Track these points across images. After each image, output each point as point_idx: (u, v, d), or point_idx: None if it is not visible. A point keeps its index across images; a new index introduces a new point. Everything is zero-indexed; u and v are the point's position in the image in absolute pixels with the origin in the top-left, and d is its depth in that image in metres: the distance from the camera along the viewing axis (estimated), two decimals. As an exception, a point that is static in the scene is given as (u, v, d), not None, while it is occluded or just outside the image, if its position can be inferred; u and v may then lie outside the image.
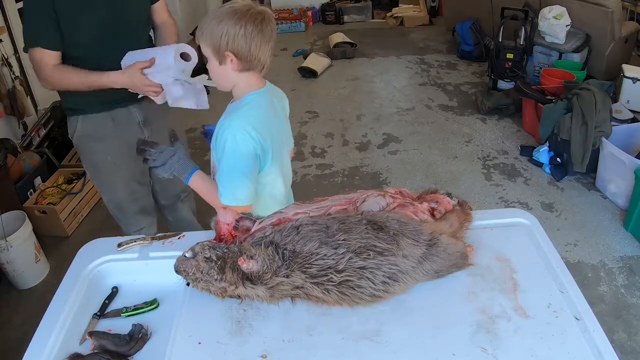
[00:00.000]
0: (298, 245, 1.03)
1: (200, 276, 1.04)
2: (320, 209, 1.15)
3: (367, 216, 1.08)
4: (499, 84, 4.04)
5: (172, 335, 1.02)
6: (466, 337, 0.98)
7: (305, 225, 1.06)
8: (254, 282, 1.02)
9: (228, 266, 1.03)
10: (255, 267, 1.01)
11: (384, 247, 1.01)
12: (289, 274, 1.01)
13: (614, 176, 2.75)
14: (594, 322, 0.99)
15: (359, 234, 1.02)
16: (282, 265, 1.01)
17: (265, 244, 1.05)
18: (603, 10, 3.51)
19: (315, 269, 1.00)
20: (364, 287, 1.00)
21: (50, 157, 3.14)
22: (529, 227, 1.27)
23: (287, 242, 1.04)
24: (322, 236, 1.03)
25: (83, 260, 1.25)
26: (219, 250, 1.06)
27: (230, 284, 1.03)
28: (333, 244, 1.01)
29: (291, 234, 1.05)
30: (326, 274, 1.00)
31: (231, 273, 1.03)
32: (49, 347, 1.02)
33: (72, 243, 2.76)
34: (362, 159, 3.40)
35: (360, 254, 1.00)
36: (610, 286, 2.25)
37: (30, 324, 1.24)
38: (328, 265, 1.00)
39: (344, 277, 0.99)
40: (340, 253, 1.00)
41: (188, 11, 5.73)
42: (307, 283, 1.00)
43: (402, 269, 1.02)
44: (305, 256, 1.01)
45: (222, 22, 1.21)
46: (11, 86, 3.16)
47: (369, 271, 1.00)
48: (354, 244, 1.01)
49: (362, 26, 6.27)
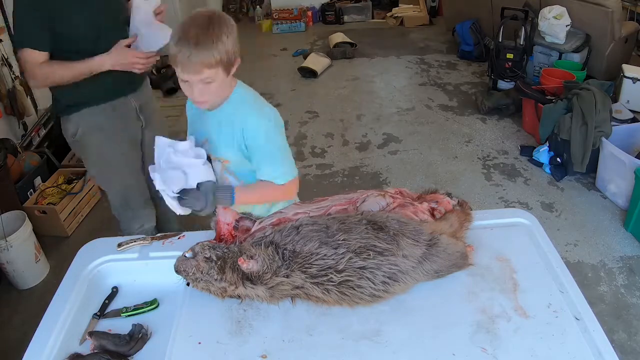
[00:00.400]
0: (298, 245, 1.03)
1: (200, 276, 1.04)
2: (320, 209, 1.15)
3: (367, 216, 1.08)
4: (499, 84, 4.04)
5: (172, 335, 1.02)
6: (466, 337, 0.98)
7: (305, 225, 1.06)
8: (254, 282, 1.02)
9: (228, 266, 1.03)
10: (255, 267, 1.01)
11: (384, 247, 1.01)
12: (289, 274, 1.01)
13: (614, 176, 2.75)
14: (594, 322, 0.99)
15: (359, 234, 1.02)
16: (282, 265, 1.01)
17: (265, 244, 1.05)
18: (603, 10, 3.51)
19: (315, 268, 1.00)
20: (364, 287, 1.00)
21: (50, 157, 3.14)
22: (529, 227, 1.27)
23: (287, 242, 1.04)
24: (322, 236, 1.03)
25: (83, 260, 1.25)
26: (219, 250, 1.06)
27: (230, 283, 1.03)
28: (333, 244, 1.01)
29: (291, 234, 1.05)
30: (326, 274, 1.00)
31: (231, 273, 1.03)
32: (49, 347, 1.02)
33: (72, 243, 2.76)
34: (362, 159, 3.40)
35: (360, 254, 1.00)
36: (610, 286, 2.25)
37: (30, 324, 1.24)
38: (328, 265, 1.00)
39: (344, 277, 0.99)
40: (340, 253, 1.00)
41: (188, 11, 5.73)
42: (307, 283, 1.00)
43: (402, 269, 1.02)
44: (305, 256, 1.01)
45: (226, 33, 1.21)
46: (11, 86, 3.16)
47: (369, 271, 1.00)
48: (354, 244, 1.01)
49: (362, 26, 6.27)
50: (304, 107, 4.18)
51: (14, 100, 3.14)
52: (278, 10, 6.26)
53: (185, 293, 1.11)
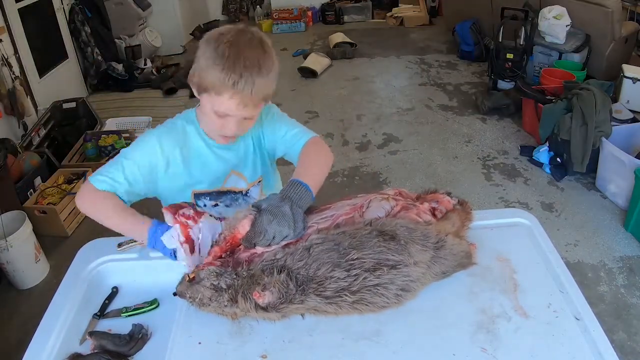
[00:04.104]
0: (311, 270, 0.98)
1: (208, 302, 0.99)
2: (326, 219, 1.11)
3: (377, 226, 1.04)
4: (499, 84, 4.04)
5: (172, 335, 1.02)
6: (466, 337, 0.98)
7: (315, 245, 1.01)
8: (269, 310, 0.98)
9: (239, 295, 0.98)
10: (271, 298, 0.97)
11: (396, 259, 0.99)
12: (304, 300, 0.97)
13: (614, 176, 2.75)
14: (594, 322, 0.99)
15: (371, 249, 0.99)
16: (296, 292, 0.97)
17: (277, 269, 0.99)
18: (603, 10, 3.51)
19: (330, 292, 0.97)
20: (377, 302, 0.98)
21: (50, 157, 3.14)
22: (529, 227, 1.27)
23: (299, 267, 0.98)
24: (334, 257, 0.98)
25: (83, 260, 1.25)
26: (227, 277, 0.99)
27: (241, 310, 0.99)
28: (346, 265, 0.98)
29: (303, 257, 0.99)
30: (340, 295, 0.97)
31: (244, 302, 0.97)
32: (49, 347, 1.02)
33: (72, 243, 2.76)
34: (362, 159, 3.40)
35: (374, 271, 0.98)
36: (610, 286, 2.25)
37: (30, 324, 1.23)
38: (342, 287, 0.97)
39: (358, 297, 0.98)
40: (353, 275, 0.97)
41: (188, 11, 5.73)
42: (321, 304, 0.98)
43: (414, 278, 1.00)
44: (319, 281, 0.97)
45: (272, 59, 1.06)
46: (11, 86, 3.16)
47: (383, 287, 0.98)
48: (367, 263, 0.98)
49: (362, 26, 6.27)
50: (304, 107, 4.18)
51: (14, 100, 3.14)
52: (278, 10, 6.26)
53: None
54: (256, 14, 6.67)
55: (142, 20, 5.18)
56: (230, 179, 1.28)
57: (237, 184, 1.30)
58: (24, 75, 3.43)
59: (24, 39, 3.56)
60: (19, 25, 3.52)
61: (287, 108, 3.48)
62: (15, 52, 3.37)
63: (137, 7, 5.01)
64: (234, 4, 6.76)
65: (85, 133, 3.35)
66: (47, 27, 4.00)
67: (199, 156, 1.23)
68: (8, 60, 3.19)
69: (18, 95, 3.17)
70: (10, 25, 3.37)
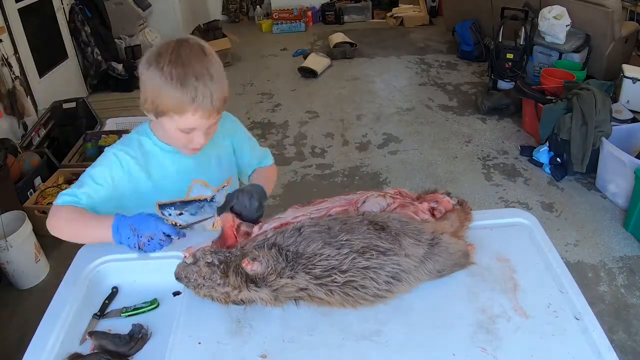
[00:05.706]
0: (301, 246, 1.01)
1: (202, 282, 1.02)
2: (320, 210, 1.14)
3: (369, 217, 1.07)
4: (499, 84, 4.04)
5: (172, 335, 1.02)
6: (466, 337, 0.98)
7: (307, 227, 1.04)
8: (258, 284, 1.01)
9: (231, 270, 1.01)
10: (259, 268, 1.00)
11: (386, 246, 1.01)
12: (293, 275, 1.00)
13: (614, 176, 2.75)
14: (594, 322, 0.99)
15: (362, 234, 1.01)
16: (286, 266, 1.00)
17: (267, 246, 1.03)
18: (603, 10, 3.51)
19: (319, 269, 0.99)
20: (368, 287, 0.99)
21: (50, 157, 3.14)
22: (529, 227, 1.27)
23: (289, 244, 1.02)
24: (325, 237, 1.02)
25: (83, 260, 1.25)
26: (220, 254, 1.04)
27: (233, 287, 1.01)
28: (336, 244, 1.00)
29: (293, 235, 1.04)
30: (330, 275, 0.99)
31: (234, 277, 1.01)
32: (49, 347, 1.02)
33: (72, 243, 2.75)
34: (362, 159, 3.40)
35: (363, 253, 1.00)
36: (610, 286, 2.25)
37: (30, 324, 1.23)
38: (332, 265, 0.99)
39: (348, 278, 0.99)
40: (343, 253, 0.99)
41: (188, 11, 5.74)
42: (311, 284, 0.99)
43: (405, 269, 1.01)
44: (308, 257, 1.00)
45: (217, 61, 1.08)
46: (11, 86, 3.16)
47: (373, 271, 0.99)
48: (356, 244, 1.00)
49: (362, 26, 6.27)
50: (304, 107, 4.18)
51: (14, 100, 3.14)
52: (278, 11, 6.26)
53: (185, 293, 1.11)
54: (256, 14, 6.68)
55: (142, 20, 5.18)
56: (194, 188, 1.29)
57: (202, 192, 1.31)
58: (24, 75, 3.43)
59: (24, 39, 3.56)
60: (19, 25, 3.52)
61: (287, 108, 3.48)
62: (15, 52, 3.37)
63: (137, 7, 5.01)
64: (234, 4, 6.76)
65: (85, 133, 3.35)
66: (47, 27, 4.00)
67: (158, 165, 1.24)
68: (8, 60, 3.19)
69: (18, 95, 3.17)
70: (10, 25, 3.37)
